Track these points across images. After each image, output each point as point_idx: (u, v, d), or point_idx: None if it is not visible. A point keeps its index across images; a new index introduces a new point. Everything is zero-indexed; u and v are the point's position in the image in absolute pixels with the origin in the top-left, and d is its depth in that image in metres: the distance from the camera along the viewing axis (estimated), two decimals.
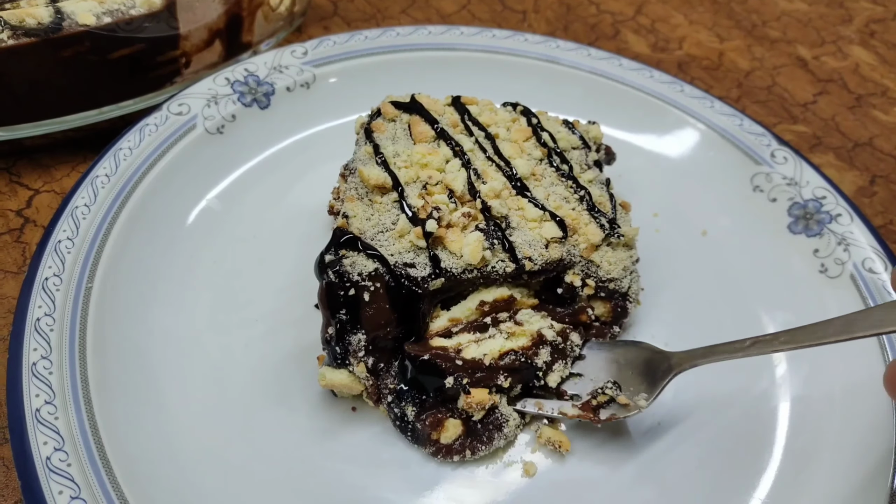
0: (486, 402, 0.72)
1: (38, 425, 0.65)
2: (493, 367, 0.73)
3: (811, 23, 1.48)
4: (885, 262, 0.90)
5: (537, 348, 0.75)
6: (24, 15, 0.84)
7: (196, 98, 0.96)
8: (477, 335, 0.75)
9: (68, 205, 0.82)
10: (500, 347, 0.74)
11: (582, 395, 0.78)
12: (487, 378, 0.72)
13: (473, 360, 0.72)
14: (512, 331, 0.76)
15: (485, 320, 0.76)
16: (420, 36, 1.12)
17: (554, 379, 0.77)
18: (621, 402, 0.75)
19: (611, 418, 0.75)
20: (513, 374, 0.74)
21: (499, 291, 0.77)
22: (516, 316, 0.78)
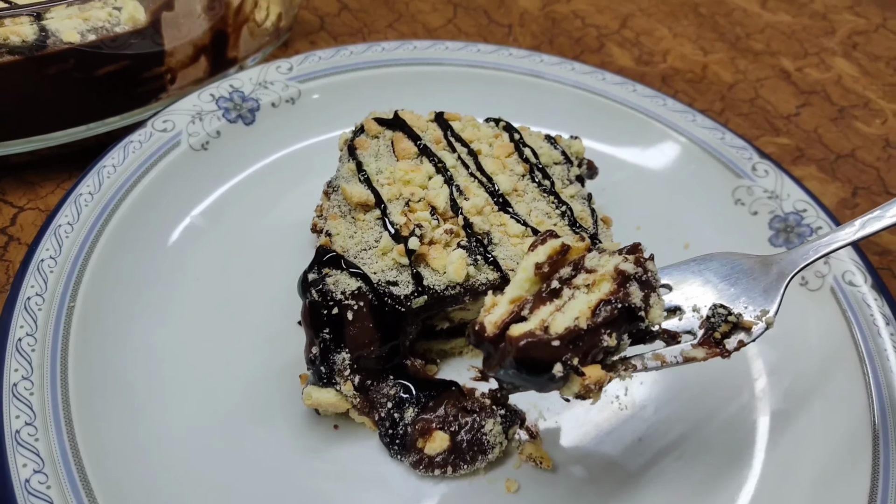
0: (603, 378, 0.60)
1: (18, 447, 0.65)
2: (592, 329, 0.60)
3: (795, 35, 1.50)
4: (864, 275, 0.91)
5: (625, 287, 0.62)
6: (8, 33, 0.85)
7: (181, 114, 0.96)
8: (555, 303, 0.62)
9: (51, 223, 0.82)
10: (588, 303, 0.61)
11: (693, 329, 0.68)
12: (591, 344, 0.60)
13: (570, 330, 0.59)
14: (588, 281, 0.62)
15: (552, 285, 0.63)
16: (405, 51, 1.13)
17: (657, 315, 0.63)
18: (745, 324, 0.66)
19: (739, 346, 0.66)
20: (615, 327, 0.61)
21: (549, 245, 0.64)
22: (583, 263, 0.64)
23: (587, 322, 0.59)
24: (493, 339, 0.61)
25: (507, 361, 0.60)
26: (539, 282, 0.63)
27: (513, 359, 0.59)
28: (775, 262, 0.70)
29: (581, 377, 0.59)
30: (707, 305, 0.68)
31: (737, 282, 0.70)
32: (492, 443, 0.76)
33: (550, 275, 0.63)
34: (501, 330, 0.61)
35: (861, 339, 0.85)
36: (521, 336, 0.59)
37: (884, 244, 1.09)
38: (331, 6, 1.37)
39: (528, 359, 0.59)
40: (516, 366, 0.60)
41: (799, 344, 0.88)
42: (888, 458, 0.75)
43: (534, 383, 0.61)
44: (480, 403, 0.79)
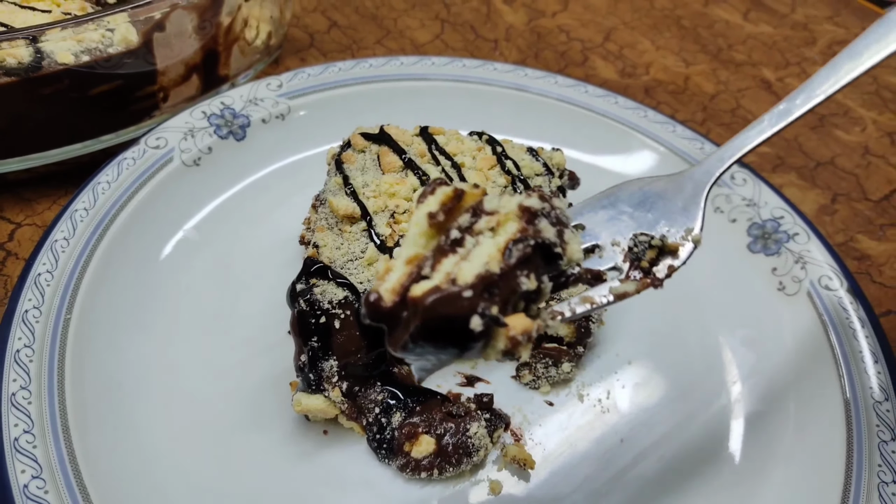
0: (530, 327, 0.52)
1: (17, 454, 0.68)
2: (506, 272, 0.52)
3: (776, 45, 1.53)
4: (840, 280, 0.93)
5: (534, 224, 0.55)
6: (5, 55, 0.87)
7: (173, 131, 0.99)
8: (459, 253, 0.54)
9: (48, 239, 0.84)
10: (496, 246, 0.53)
11: (618, 265, 0.63)
12: (508, 290, 0.52)
13: (481, 277, 0.51)
14: (492, 224, 0.55)
15: (451, 235, 0.55)
16: (392, 67, 1.16)
17: (575, 251, 0.57)
18: (671, 247, 0.62)
19: (671, 271, 0.62)
20: (531, 267, 0.54)
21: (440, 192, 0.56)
22: (482, 207, 0.57)
23: (499, 265, 0.52)
24: (393, 308, 0.52)
25: (415, 329, 0.50)
26: (436, 234, 0.55)
27: (421, 323, 0.50)
28: (688, 178, 0.65)
29: (504, 328, 0.50)
30: (627, 237, 0.63)
31: (652, 206, 0.64)
32: (477, 446, 0.78)
33: (447, 225, 0.55)
34: (401, 295, 0.52)
35: (837, 342, 0.88)
36: (426, 294, 0.50)
37: (862, 249, 1.12)
38: (320, 24, 1.40)
39: (438, 318, 0.50)
40: (427, 331, 0.50)
41: (776, 347, 0.91)
42: (861, 457, 0.77)
43: (451, 349, 0.51)
44: (466, 408, 0.81)
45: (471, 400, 0.83)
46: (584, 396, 0.87)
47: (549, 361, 0.87)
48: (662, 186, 0.65)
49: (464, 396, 0.83)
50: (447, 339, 0.50)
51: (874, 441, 0.78)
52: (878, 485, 0.74)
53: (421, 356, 0.53)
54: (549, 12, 1.53)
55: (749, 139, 0.67)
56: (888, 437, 0.78)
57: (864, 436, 0.79)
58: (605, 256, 0.63)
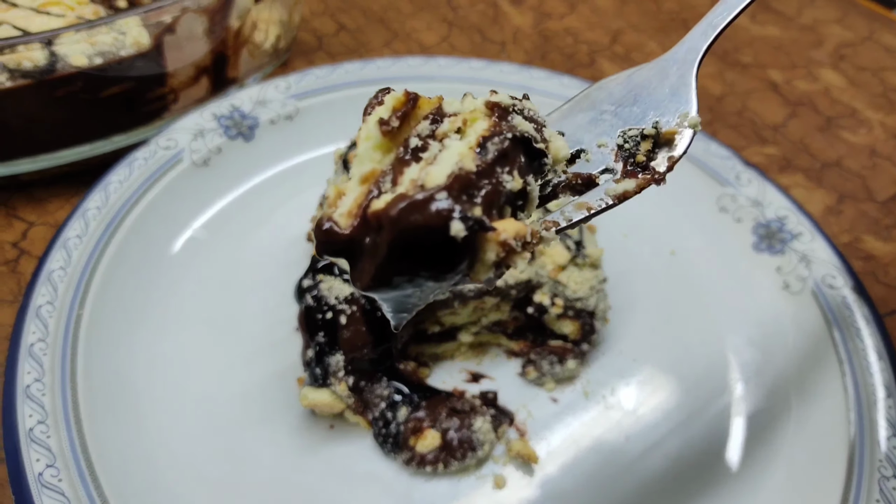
0: (523, 230, 0.44)
1: (32, 443, 0.69)
2: (484, 170, 0.44)
3: (783, 48, 1.53)
4: (844, 278, 0.93)
5: (505, 120, 0.48)
6: (21, 59, 0.89)
7: (183, 132, 1.00)
8: (422, 160, 0.45)
9: (60, 236, 0.86)
10: (468, 144, 0.45)
11: (611, 166, 0.54)
12: (490, 191, 0.44)
13: (455, 177, 0.42)
14: (457, 125, 0.47)
15: (410, 144, 0.46)
16: (400, 68, 1.17)
17: (560, 148, 0.51)
18: (667, 136, 0.54)
19: (672, 163, 0.53)
20: (512, 163, 0.46)
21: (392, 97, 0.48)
22: (445, 110, 0.49)
23: (474, 162, 0.43)
24: (352, 234, 0.43)
25: (385, 253, 0.41)
26: (392, 145, 0.47)
27: (390, 242, 0.41)
28: (671, 60, 0.58)
29: (493, 232, 0.42)
30: (614, 137, 0.55)
31: (637, 99, 0.56)
32: (481, 441, 0.79)
33: (404, 134, 0.47)
34: (361, 217, 0.43)
35: (840, 340, 0.88)
36: (391, 204, 0.41)
37: (868, 249, 1.12)
38: (329, 27, 1.41)
39: (411, 230, 0.40)
40: (398, 251, 0.41)
41: (779, 346, 0.91)
42: (862, 453, 0.77)
43: (430, 271, 0.42)
44: (471, 404, 0.82)
45: (476, 396, 0.84)
46: (588, 393, 0.88)
47: (554, 359, 0.88)
48: (644, 76, 0.57)
49: (468, 393, 0.84)
50: (425, 259, 0.42)
51: (875, 437, 0.78)
52: (879, 479, 0.74)
53: (395, 290, 0.44)
54: (556, 15, 1.54)
55: (731, 5, 0.59)
56: (890, 434, 0.78)
57: (865, 433, 0.79)
58: (594, 160, 0.54)
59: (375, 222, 0.41)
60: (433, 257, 0.41)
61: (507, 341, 0.90)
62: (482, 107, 0.48)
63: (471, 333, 0.88)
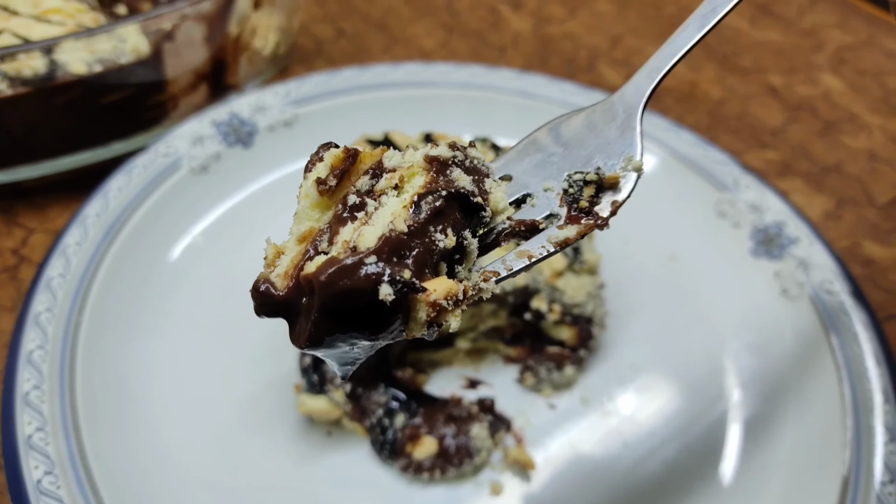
0: (454, 289, 0.44)
1: (30, 450, 0.70)
2: (416, 230, 0.44)
3: (783, 52, 1.53)
4: (843, 284, 0.93)
5: (444, 174, 0.47)
6: (21, 66, 0.90)
7: (182, 139, 1.01)
8: (357, 219, 0.46)
9: (60, 243, 0.86)
10: (402, 203, 0.45)
11: (555, 210, 0.54)
12: (422, 251, 0.44)
13: (386, 239, 0.43)
14: (394, 181, 0.47)
15: (349, 202, 0.46)
16: (399, 74, 1.17)
17: (500, 199, 0.51)
18: (610, 180, 0.53)
19: (615, 207, 0.53)
20: (447, 221, 0.45)
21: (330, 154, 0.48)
22: (385, 164, 0.48)
23: (406, 223, 0.44)
24: (287, 295, 0.44)
25: (317, 316, 0.42)
26: (331, 203, 0.47)
27: (320, 305, 0.41)
28: (618, 102, 0.57)
29: (423, 293, 0.43)
30: (560, 180, 0.54)
31: (583, 142, 0.55)
32: (478, 447, 0.80)
33: (343, 191, 0.47)
34: (296, 278, 0.44)
35: (838, 346, 0.88)
36: (321, 268, 0.42)
37: (868, 254, 1.12)
38: (328, 33, 1.42)
39: (339, 295, 0.41)
40: (330, 314, 0.42)
41: (778, 352, 0.91)
42: (860, 458, 0.77)
43: (364, 332, 0.43)
44: (468, 410, 0.82)
45: (473, 403, 0.84)
46: (586, 400, 0.88)
47: (551, 365, 0.88)
48: (590, 118, 0.57)
49: (466, 400, 0.84)
50: (357, 321, 0.42)
51: (872, 442, 0.78)
52: (877, 485, 0.74)
53: (334, 348, 0.44)
54: (556, 20, 1.54)
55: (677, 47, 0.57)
56: (886, 439, 0.78)
57: (863, 438, 0.79)
58: (539, 205, 0.54)
59: (307, 286, 0.42)
60: (366, 319, 0.42)
61: (504, 347, 0.91)
62: (421, 161, 0.47)
63: (468, 340, 0.88)
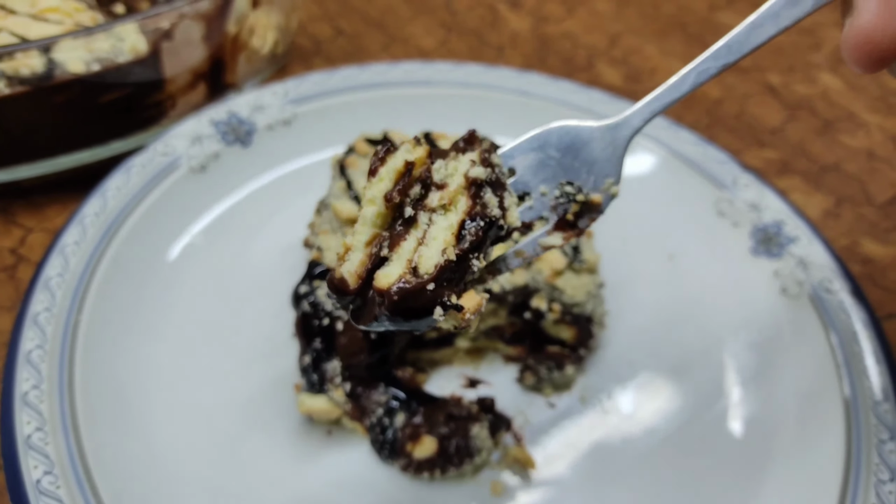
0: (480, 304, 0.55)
1: (29, 450, 0.70)
2: (460, 258, 0.55)
3: (782, 51, 1.53)
4: (842, 282, 0.93)
5: (480, 197, 0.57)
6: (19, 66, 0.90)
7: (181, 138, 1.00)
8: (414, 235, 0.56)
9: (58, 242, 0.86)
10: (450, 228, 0.56)
11: (544, 214, 0.65)
12: (462, 273, 0.56)
13: (441, 268, 0.54)
14: (443, 201, 0.57)
15: (405, 213, 0.56)
16: (398, 73, 1.17)
17: (514, 216, 0.61)
18: (593, 202, 0.64)
19: (591, 221, 0.64)
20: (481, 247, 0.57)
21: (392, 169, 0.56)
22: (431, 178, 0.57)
23: (455, 252, 0.54)
24: (357, 290, 0.56)
25: (381, 313, 0.55)
26: (391, 212, 0.57)
27: (387, 311, 0.54)
28: (614, 128, 0.65)
29: (461, 312, 0.54)
30: (554, 186, 0.65)
31: (578, 153, 0.65)
32: (479, 447, 0.79)
33: (397, 201, 0.56)
34: (364, 278, 0.55)
35: (837, 344, 0.88)
36: (392, 286, 0.54)
37: (867, 253, 1.12)
38: (326, 32, 1.42)
39: (404, 309, 0.54)
40: (392, 317, 0.54)
41: (777, 350, 0.91)
42: (859, 456, 0.77)
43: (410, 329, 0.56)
44: (468, 410, 0.82)
45: (473, 402, 0.84)
46: (586, 399, 0.88)
47: (551, 364, 0.88)
48: (589, 134, 0.65)
49: (466, 399, 0.84)
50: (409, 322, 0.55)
51: (872, 441, 0.78)
52: (875, 483, 0.74)
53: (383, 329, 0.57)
54: (554, 19, 1.54)
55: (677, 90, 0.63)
56: (886, 437, 0.78)
57: (862, 436, 0.79)
58: (535, 206, 0.65)
59: (378, 294, 0.54)
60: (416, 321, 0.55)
61: (504, 347, 0.90)
62: (463, 181, 0.57)
63: (468, 339, 0.88)
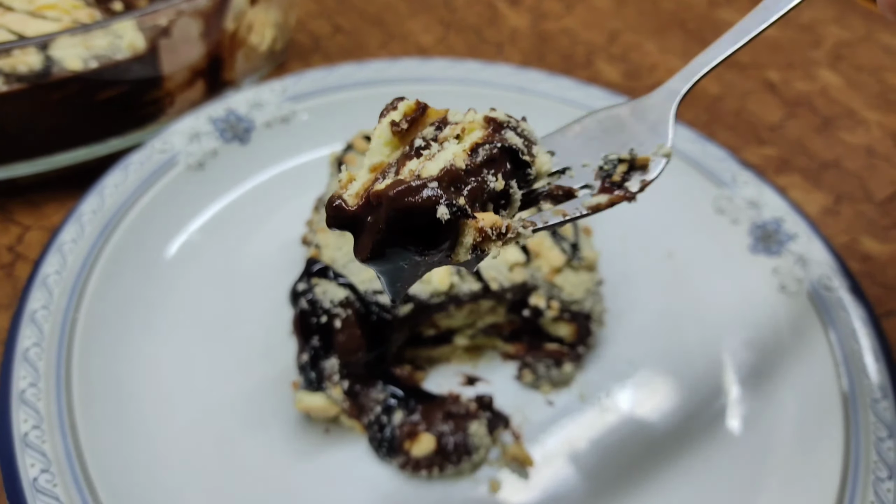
0: (499, 222, 0.51)
1: (26, 448, 0.70)
2: (472, 169, 0.51)
3: (781, 48, 1.53)
4: (841, 280, 0.93)
5: (499, 133, 0.54)
6: (16, 63, 0.89)
7: (179, 135, 1.00)
8: (423, 157, 0.53)
9: (56, 240, 0.86)
10: (463, 148, 0.52)
11: (590, 183, 0.61)
12: (475, 187, 0.51)
13: (446, 171, 0.50)
14: (456, 132, 0.54)
15: (415, 144, 0.53)
16: (397, 70, 1.17)
17: (544, 163, 0.57)
18: (641, 161, 0.60)
19: (644, 185, 0.60)
20: (498, 168, 0.53)
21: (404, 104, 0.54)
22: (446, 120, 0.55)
23: (465, 162, 0.50)
24: (357, 211, 0.51)
25: (381, 229, 0.49)
26: (400, 144, 0.54)
27: (386, 218, 0.49)
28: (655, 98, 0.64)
29: (473, 220, 0.50)
30: (597, 159, 0.62)
31: (622, 130, 0.63)
32: (477, 444, 0.79)
33: (411, 135, 0.54)
34: (365, 199, 0.51)
35: (837, 342, 0.88)
36: (390, 186, 0.49)
37: (866, 250, 1.12)
38: (325, 29, 1.41)
39: (403, 209, 0.48)
40: (392, 227, 0.49)
41: (776, 348, 0.91)
42: (858, 454, 0.77)
43: (418, 247, 0.50)
44: (466, 407, 0.82)
45: (471, 400, 0.83)
46: (584, 396, 0.88)
47: (550, 362, 0.88)
48: (629, 110, 0.64)
49: (464, 397, 0.84)
50: (414, 237, 0.49)
51: (871, 439, 0.78)
52: (874, 481, 0.74)
53: (390, 263, 0.52)
54: (553, 15, 1.54)
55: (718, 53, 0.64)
56: (885, 435, 0.78)
57: (861, 434, 0.79)
58: (576, 177, 0.61)
59: (376, 201, 0.49)
60: (421, 235, 0.49)
61: (502, 344, 0.90)
62: (481, 120, 0.54)
63: (466, 336, 0.88)
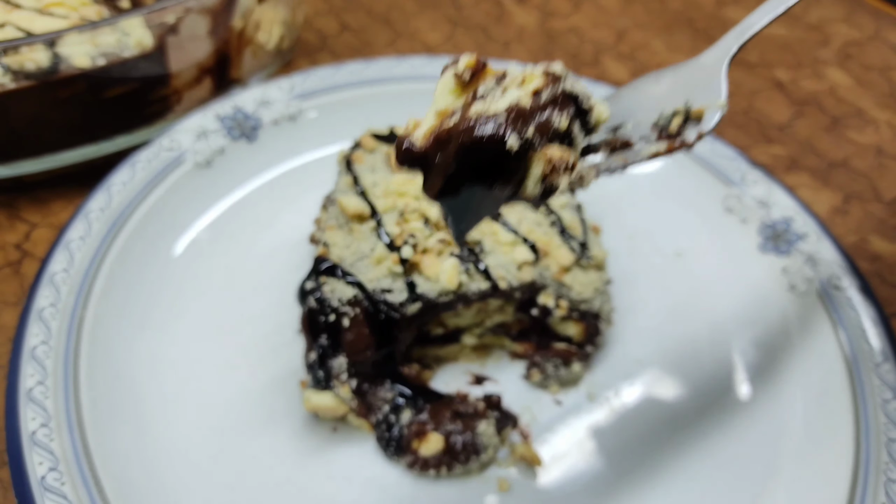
0: (567, 156, 0.53)
1: (34, 446, 0.69)
2: (537, 108, 0.53)
3: (789, 47, 1.52)
4: (850, 279, 0.93)
5: (559, 82, 0.55)
6: (24, 60, 0.89)
7: (186, 133, 1.00)
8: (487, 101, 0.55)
9: (63, 238, 0.86)
10: (525, 91, 0.54)
11: (646, 135, 0.63)
12: (543, 123, 0.53)
13: (513, 107, 0.52)
14: (518, 81, 0.56)
15: (478, 94, 0.55)
16: (404, 68, 1.16)
17: (603, 111, 0.57)
18: (696, 114, 0.62)
19: (699, 137, 0.62)
20: (562, 108, 0.54)
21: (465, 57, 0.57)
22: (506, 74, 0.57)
23: (529, 101, 0.52)
24: (425, 151, 0.53)
25: (451, 164, 0.51)
26: (462, 94, 0.56)
27: (456, 152, 0.51)
28: (706, 58, 0.66)
29: (542, 150, 0.52)
30: (652, 115, 0.64)
31: (675, 88, 0.66)
32: (485, 444, 0.79)
33: (473, 87, 0.56)
34: (435, 138, 0.53)
35: (846, 342, 0.87)
36: (461, 121, 0.51)
37: (875, 250, 1.11)
38: (332, 27, 1.41)
39: (474, 142, 0.50)
40: (463, 160, 0.51)
41: (785, 347, 0.91)
42: (868, 454, 0.77)
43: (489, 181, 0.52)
44: (474, 407, 0.81)
45: (479, 399, 0.83)
46: (593, 396, 0.87)
47: (558, 361, 0.87)
48: (685, 69, 0.67)
49: (472, 396, 0.84)
50: (484, 169, 0.51)
51: (881, 439, 0.77)
52: (885, 482, 0.74)
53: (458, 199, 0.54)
54: (561, 14, 1.53)
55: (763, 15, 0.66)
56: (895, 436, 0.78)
57: (871, 435, 0.79)
58: (633, 130, 0.63)
59: (446, 137, 0.51)
60: (491, 167, 0.51)
61: (510, 343, 0.90)
62: (540, 72, 0.55)
63: (474, 336, 0.88)
